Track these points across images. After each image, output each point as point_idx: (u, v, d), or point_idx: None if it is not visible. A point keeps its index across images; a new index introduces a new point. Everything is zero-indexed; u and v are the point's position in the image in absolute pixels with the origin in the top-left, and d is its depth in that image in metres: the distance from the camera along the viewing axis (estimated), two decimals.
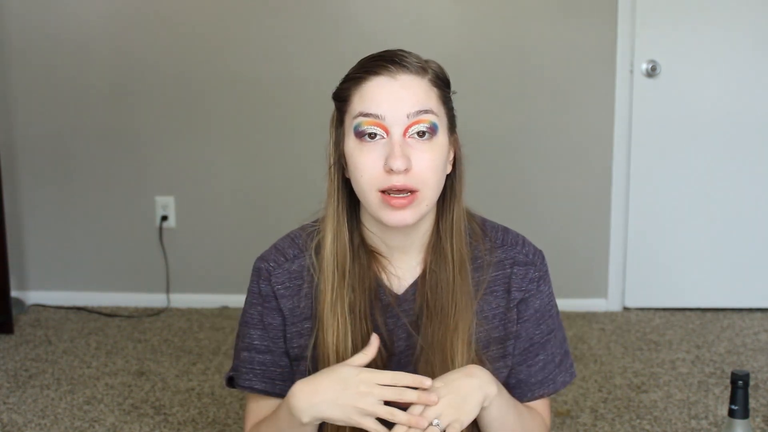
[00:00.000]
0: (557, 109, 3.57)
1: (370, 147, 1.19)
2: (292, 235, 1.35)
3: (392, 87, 1.19)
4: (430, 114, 1.20)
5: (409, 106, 1.19)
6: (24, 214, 3.73)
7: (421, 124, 1.19)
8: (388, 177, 1.18)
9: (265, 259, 1.33)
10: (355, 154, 1.21)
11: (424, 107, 1.20)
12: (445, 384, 1.18)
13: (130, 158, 3.67)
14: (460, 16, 3.54)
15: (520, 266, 1.33)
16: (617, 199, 3.61)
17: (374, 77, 1.20)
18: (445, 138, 1.23)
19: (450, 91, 1.27)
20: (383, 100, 1.19)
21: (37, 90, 3.65)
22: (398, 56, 1.22)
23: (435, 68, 1.25)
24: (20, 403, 2.74)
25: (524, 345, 1.33)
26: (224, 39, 3.58)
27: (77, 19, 3.59)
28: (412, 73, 1.21)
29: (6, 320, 3.36)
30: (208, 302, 3.71)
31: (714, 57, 3.50)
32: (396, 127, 1.19)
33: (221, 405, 2.72)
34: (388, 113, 1.19)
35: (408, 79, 1.20)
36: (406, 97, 1.19)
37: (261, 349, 1.33)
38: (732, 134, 3.53)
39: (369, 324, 1.27)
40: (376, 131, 1.19)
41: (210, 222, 3.71)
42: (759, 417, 2.59)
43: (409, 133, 1.19)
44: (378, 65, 1.21)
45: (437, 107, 1.22)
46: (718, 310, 3.61)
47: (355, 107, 1.21)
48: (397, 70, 1.20)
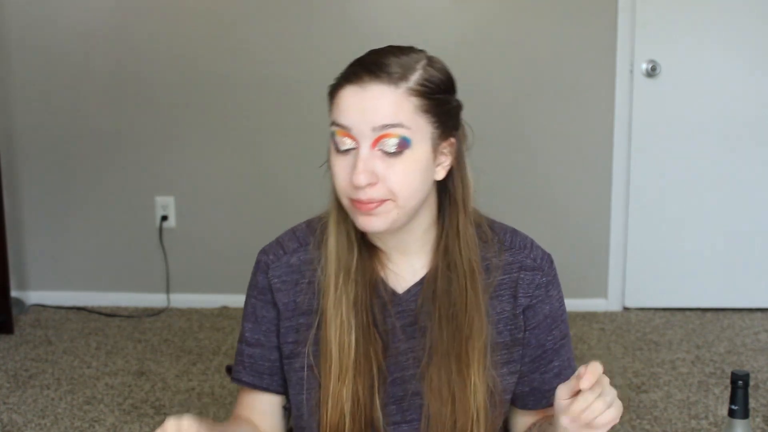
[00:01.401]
0: (557, 109, 3.57)
1: (342, 156, 1.18)
2: (295, 228, 1.35)
3: (361, 97, 1.15)
4: (398, 128, 1.14)
5: (376, 119, 1.14)
6: (24, 214, 3.73)
7: (389, 138, 1.14)
8: (355, 189, 1.16)
9: (266, 251, 1.33)
10: (332, 160, 1.20)
11: (391, 121, 1.14)
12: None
13: (130, 158, 3.67)
14: (460, 16, 3.54)
15: (527, 271, 1.30)
16: (617, 199, 3.61)
17: (347, 85, 1.17)
18: (423, 149, 1.17)
19: (449, 94, 1.22)
20: (351, 111, 1.16)
21: (37, 90, 3.65)
22: (376, 63, 1.17)
23: (427, 73, 1.18)
24: (20, 403, 2.74)
25: (536, 352, 1.30)
26: (224, 39, 3.58)
27: (77, 19, 3.59)
28: (384, 83, 1.15)
29: (6, 320, 3.36)
30: (208, 302, 3.71)
31: (714, 57, 3.49)
32: (363, 140, 1.15)
33: (221, 405, 2.72)
34: (354, 125, 1.15)
35: (378, 89, 1.15)
36: (373, 109, 1.14)
37: (251, 341, 1.33)
38: (732, 134, 3.53)
39: (369, 318, 1.26)
40: (348, 145, 1.17)
41: (210, 222, 3.71)
42: (759, 417, 2.60)
43: (378, 146, 1.15)
44: (353, 72, 1.18)
45: (411, 119, 1.15)
46: (718, 310, 3.61)
47: (332, 114, 1.19)
48: (369, 80, 1.15)
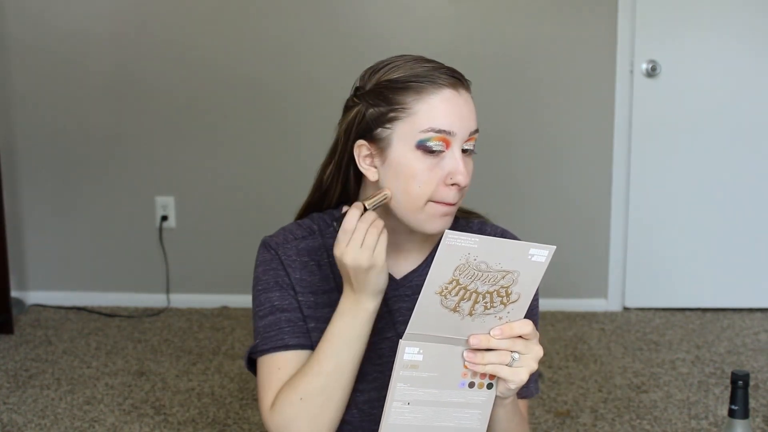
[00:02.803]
0: (557, 109, 3.57)
1: (432, 160, 1.20)
2: (297, 222, 1.37)
3: (459, 102, 1.20)
4: (477, 132, 1.23)
5: (471, 124, 1.21)
6: (24, 214, 3.73)
7: (472, 142, 1.23)
8: (446, 190, 1.20)
9: (273, 236, 1.34)
10: (415, 164, 1.20)
11: (476, 126, 1.23)
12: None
13: (130, 158, 3.67)
14: (460, 16, 3.54)
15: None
16: (617, 199, 3.61)
17: (441, 89, 1.19)
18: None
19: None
20: (453, 116, 1.19)
21: (37, 90, 3.65)
22: (452, 70, 1.23)
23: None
24: (20, 403, 2.74)
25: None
26: (224, 39, 3.58)
27: (78, 19, 3.59)
28: (467, 90, 1.23)
29: (6, 320, 3.36)
30: (208, 302, 3.71)
31: (714, 57, 3.50)
32: (458, 143, 1.20)
33: (221, 405, 2.72)
34: (456, 130, 1.20)
35: (467, 95, 1.22)
36: (469, 115, 1.21)
37: (285, 307, 1.30)
38: (732, 134, 3.53)
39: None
40: (442, 147, 1.20)
41: (210, 222, 3.71)
42: (759, 417, 2.59)
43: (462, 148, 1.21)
44: (442, 76, 1.20)
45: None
46: (718, 310, 3.61)
47: (422, 120, 1.19)
48: (460, 86, 1.21)
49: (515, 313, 1.09)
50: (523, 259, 1.04)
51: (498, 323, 1.09)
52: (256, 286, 1.32)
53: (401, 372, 1.10)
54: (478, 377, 1.12)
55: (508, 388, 1.13)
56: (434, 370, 1.10)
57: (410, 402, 1.11)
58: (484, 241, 1.02)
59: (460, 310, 1.07)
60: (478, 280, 1.04)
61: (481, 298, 1.06)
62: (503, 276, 1.05)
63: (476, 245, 1.02)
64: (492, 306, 1.07)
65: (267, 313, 1.30)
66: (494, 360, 1.10)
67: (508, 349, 1.10)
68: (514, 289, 1.06)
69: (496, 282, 1.05)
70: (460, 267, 1.03)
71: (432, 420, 1.13)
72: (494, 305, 1.07)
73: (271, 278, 1.31)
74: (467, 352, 1.10)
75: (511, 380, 1.11)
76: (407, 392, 1.11)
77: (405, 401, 1.11)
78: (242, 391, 2.83)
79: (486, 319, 1.09)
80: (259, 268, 1.33)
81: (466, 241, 1.02)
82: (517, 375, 1.11)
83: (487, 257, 1.03)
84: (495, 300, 1.07)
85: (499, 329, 1.09)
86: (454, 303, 1.06)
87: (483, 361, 1.10)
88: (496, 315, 1.09)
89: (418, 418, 1.13)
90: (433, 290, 1.05)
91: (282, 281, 1.30)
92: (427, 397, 1.12)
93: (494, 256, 1.03)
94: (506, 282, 1.06)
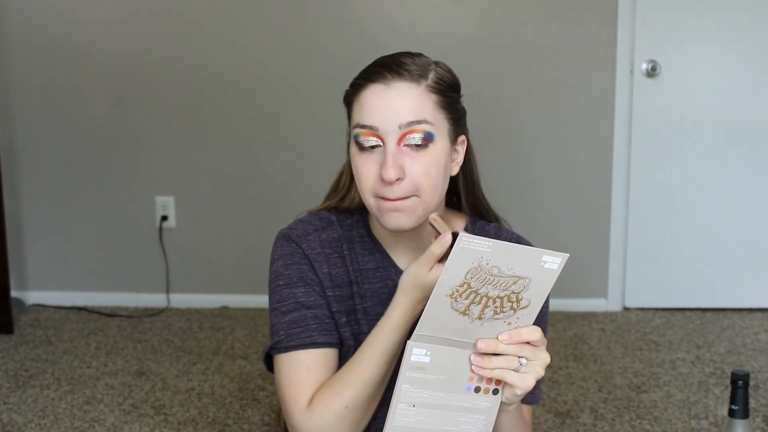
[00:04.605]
0: (557, 109, 3.57)
1: (368, 156, 1.22)
2: (314, 214, 1.36)
3: (386, 96, 1.20)
4: (423, 124, 1.20)
5: (401, 117, 1.19)
6: (24, 214, 3.73)
7: (415, 134, 1.20)
8: (383, 186, 1.20)
9: (292, 228, 1.33)
10: (356, 161, 1.24)
11: (417, 117, 1.20)
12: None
13: (130, 158, 3.67)
14: (460, 16, 3.54)
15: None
16: (617, 199, 3.61)
17: (370, 85, 1.21)
18: (443, 144, 1.23)
19: (457, 94, 1.28)
20: (377, 110, 1.20)
21: (37, 90, 3.65)
22: (397, 62, 1.22)
23: (439, 72, 1.24)
24: (20, 403, 2.74)
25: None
26: (225, 39, 3.58)
27: (77, 19, 3.59)
28: (407, 81, 1.20)
29: (6, 320, 3.35)
30: (208, 302, 3.71)
31: (714, 57, 3.50)
32: (390, 137, 1.20)
33: (221, 405, 2.72)
34: (381, 124, 1.20)
35: (402, 87, 1.20)
36: (399, 107, 1.19)
37: (310, 304, 1.28)
38: (732, 134, 3.53)
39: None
40: (372, 142, 1.21)
41: (210, 222, 3.71)
42: (759, 417, 2.59)
43: (403, 142, 1.20)
44: (375, 72, 1.22)
45: (433, 115, 1.21)
46: (718, 310, 3.61)
47: (355, 116, 1.23)
48: (392, 78, 1.20)
49: (525, 319, 1.09)
50: (535, 265, 1.04)
51: (507, 328, 1.09)
52: (277, 281, 1.30)
53: (408, 373, 1.09)
54: (484, 382, 1.12)
55: (514, 394, 1.12)
56: (441, 372, 1.10)
57: (416, 404, 1.11)
58: (497, 245, 1.02)
59: (469, 314, 1.07)
60: (490, 284, 1.04)
61: (492, 302, 1.06)
62: (515, 281, 1.05)
63: (489, 249, 1.02)
64: (502, 311, 1.07)
65: (291, 309, 1.28)
66: (501, 365, 1.10)
67: (515, 354, 1.10)
68: (525, 295, 1.06)
69: (508, 287, 1.05)
70: (473, 270, 1.03)
71: (436, 423, 1.13)
72: (504, 310, 1.07)
73: (294, 273, 1.29)
74: (474, 355, 1.10)
75: (517, 386, 1.11)
76: (413, 394, 1.11)
77: (410, 403, 1.11)
78: (242, 391, 2.83)
79: (495, 323, 1.08)
80: (279, 261, 1.31)
81: (480, 245, 1.01)
82: (523, 381, 1.10)
83: (500, 262, 1.03)
84: (505, 305, 1.07)
85: (508, 334, 1.09)
86: (464, 306, 1.06)
87: (490, 366, 1.10)
88: (506, 320, 1.08)
89: (423, 421, 1.12)
90: (444, 292, 1.04)
91: (306, 276, 1.29)
92: (432, 399, 1.11)
93: (507, 261, 1.03)
94: (517, 287, 1.05)
